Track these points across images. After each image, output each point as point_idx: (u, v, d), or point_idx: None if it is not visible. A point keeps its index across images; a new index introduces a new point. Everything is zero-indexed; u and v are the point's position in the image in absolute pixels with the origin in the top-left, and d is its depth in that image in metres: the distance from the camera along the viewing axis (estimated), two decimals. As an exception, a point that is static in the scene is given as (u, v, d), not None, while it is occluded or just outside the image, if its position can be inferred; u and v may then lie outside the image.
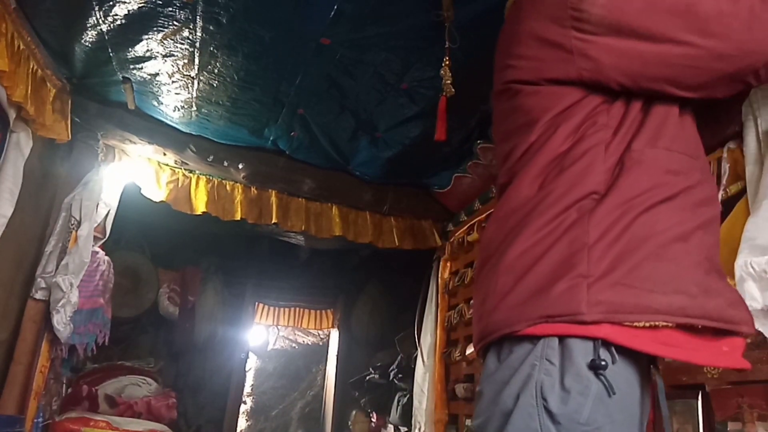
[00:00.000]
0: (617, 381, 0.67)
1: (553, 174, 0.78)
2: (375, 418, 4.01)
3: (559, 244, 0.72)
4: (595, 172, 0.75)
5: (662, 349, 0.67)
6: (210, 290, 4.01)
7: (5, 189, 1.86)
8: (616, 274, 0.68)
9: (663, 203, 0.72)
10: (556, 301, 0.69)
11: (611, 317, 0.67)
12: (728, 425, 1.34)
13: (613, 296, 0.67)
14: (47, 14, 1.87)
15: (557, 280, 0.70)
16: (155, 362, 3.59)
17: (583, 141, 0.78)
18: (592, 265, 0.69)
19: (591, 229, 0.71)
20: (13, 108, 1.87)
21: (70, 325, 2.20)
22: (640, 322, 0.66)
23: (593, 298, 0.67)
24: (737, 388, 1.34)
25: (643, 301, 0.67)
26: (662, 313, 0.67)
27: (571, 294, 0.68)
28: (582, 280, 0.68)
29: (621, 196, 0.72)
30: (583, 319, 0.67)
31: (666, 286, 0.68)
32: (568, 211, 0.74)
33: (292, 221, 2.91)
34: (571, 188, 0.75)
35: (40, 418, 2.29)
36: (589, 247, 0.70)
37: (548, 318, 0.69)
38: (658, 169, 0.75)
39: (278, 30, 1.90)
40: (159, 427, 2.88)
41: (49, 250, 2.23)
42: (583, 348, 0.67)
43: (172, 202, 2.67)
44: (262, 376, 6.12)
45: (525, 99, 0.85)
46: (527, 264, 0.74)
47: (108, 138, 2.51)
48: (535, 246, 0.74)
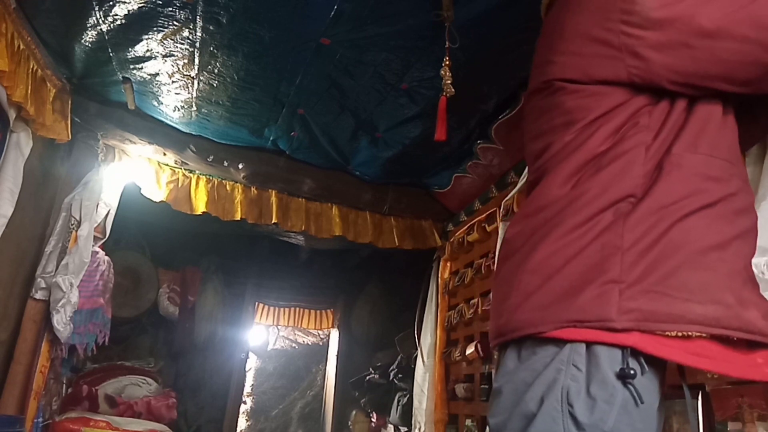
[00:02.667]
0: (643, 390, 0.65)
1: (588, 173, 0.75)
2: (375, 418, 4.01)
3: (591, 246, 0.70)
4: (634, 174, 0.73)
5: (694, 359, 0.65)
6: (210, 290, 4.01)
7: (5, 189, 1.86)
8: (650, 280, 0.66)
9: (701, 210, 0.70)
10: (586, 305, 0.67)
11: (642, 325, 0.65)
12: (728, 425, 1.34)
13: (646, 303, 0.65)
14: (47, 14, 1.87)
15: (588, 284, 0.68)
16: (155, 362, 3.60)
17: (623, 142, 0.75)
18: (625, 270, 0.67)
19: (626, 233, 0.69)
20: (13, 108, 1.87)
21: (70, 325, 2.20)
22: (672, 331, 0.64)
23: (625, 305, 0.65)
24: (737, 388, 1.34)
25: (677, 309, 0.65)
26: (697, 323, 0.65)
27: (602, 299, 0.66)
28: (614, 285, 0.66)
29: (658, 201, 0.70)
30: (613, 326, 0.65)
31: (701, 295, 0.66)
32: (603, 212, 0.71)
33: (292, 221, 2.91)
34: (607, 189, 0.73)
35: (40, 418, 2.29)
36: (623, 252, 0.68)
37: (576, 322, 0.67)
38: (697, 175, 0.72)
39: (278, 30, 1.90)
40: (159, 427, 2.88)
41: (49, 250, 2.23)
42: (611, 356, 0.66)
43: (172, 202, 2.67)
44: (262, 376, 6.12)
45: (565, 98, 0.81)
46: (557, 264, 0.72)
47: (108, 138, 2.51)
48: (567, 247, 0.72)
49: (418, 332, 3.27)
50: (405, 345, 3.64)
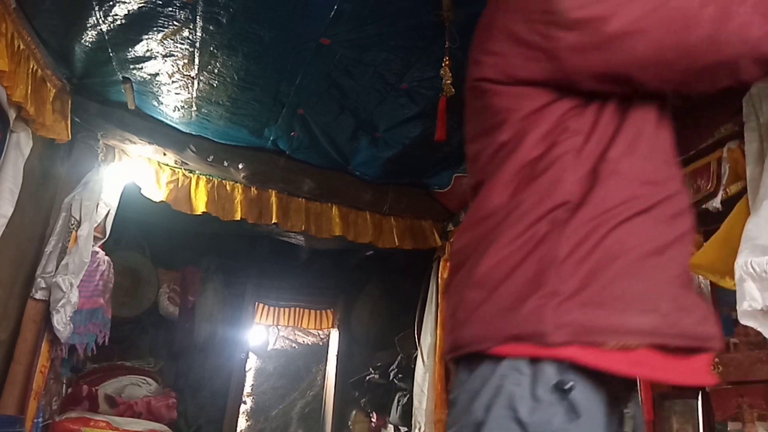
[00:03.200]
0: (585, 401, 0.64)
1: (524, 182, 0.75)
2: (375, 418, 4.01)
3: (530, 258, 0.69)
4: (567, 180, 0.72)
5: (634, 369, 0.65)
6: (210, 290, 4.01)
7: (5, 189, 1.86)
8: (587, 292, 0.65)
9: (638, 216, 0.69)
10: (524, 320, 0.66)
11: (579, 338, 0.64)
12: (728, 425, 1.34)
13: (582, 316, 0.65)
14: (47, 14, 1.87)
15: (526, 298, 0.67)
16: (155, 362, 3.59)
17: (554, 147, 0.74)
18: (562, 282, 0.66)
19: (562, 243, 0.68)
20: (13, 108, 1.87)
21: (70, 325, 2.20)
22: (610, 343, 0.64)
23: (561, 318, 0.65)
24: (737, 388, 1.34)
25: (614, 321, 0.64)
26: (634, 334, 0.64)
27: (539, 314, 0.65)
28: (550, 298, 0.66)
29: (595, 209, 0.69)
30: (549, 340, 0.64)
31: (639, 305, 0.65)
32: (540, 222, 0.71)
33: (292, 221, 2.91)
34: (543, 198, 0.72)
35: (40, 418, 2.29)
36: (559, 263, 0.67)
37: (516, 338, 0.66)
38: (634, 180, 0.71)
39: (278, 30, 1.90)
40: (159, 427, 2.88)
41: (49, 250, 2.23)
42: (549, 369, 0.65)
43: (172, 202, 2.67)
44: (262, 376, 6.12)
45: (492, 99, 0.82)
46: (498, 278, 0.71)
47: (108, 138, 2.51)
48: (507, 259, 0.71)
49: (418, 332, 3.27)
50: (405, 345, 3.64)
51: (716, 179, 1.37)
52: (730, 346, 1.44)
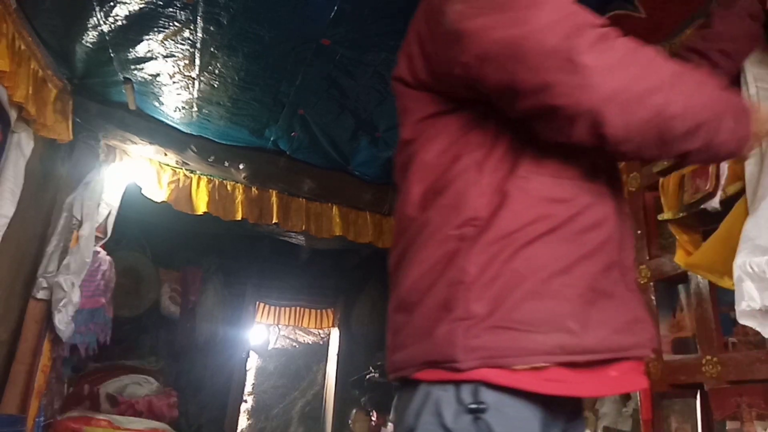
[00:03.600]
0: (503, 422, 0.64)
1: (431, 195, 0.74)
2: (375, 416, 4.01)
3: (441, 280, 0.69)
4: (472, 196, 0.70)
5: (546, 386, 0.64)
6: (211, 290, 4.02)
7: (6, 189, 1.86)
8: (495, 316, 0.65)
9: (545, 236, 0.68)
10: (436, 346, 0.66)
11: (489, 362, 0.64)
12: (727, 424, 1.34)
13: (491, 341, 0.65)
14: (48, 15, 1.87)
15: (438, 323, 0.67)
16: (156, 361, 3.60)
17: (458, 161, 0.73)
18: (470, 306, 0.66)
19: (469, 265, 0.67)
20: (14, 108, 1.87)
21: (71, 325, 2.21)
22: (518, 365, 0.64)
23: (469, 343, 0.64)
24: (736, 388, 1.35)
25: (522, 343, 0.64)
26: (542, 354, 0.64)
27: (449, 339, 0.65)
28: (459, 323, 0.65)
29: (502, 229, 0.68)
30: (459, 366, 0.64)
31: (545, 326, 0.65)
32: (449, 240, 0.70)
33: (293, 221, 2.91)
34: (451, 214, 0.71)
35: (42, 417, 2.29)
36: (467, 287, 0.66)
37: (431, 364, 0.67)
38: (542, 198, 0.70)
39: (278, 30, 1.90)
40: (160, 426, 2.89)
41: (50, 250, 2.24)
42: (465, 392, 0.65)
43: (173, 202, 2.67)
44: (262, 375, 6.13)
45: (402, 100, 0.83)
46: (414, 301, 0.71)
47: (109, 138, 2.52)
48: (421, 280, 0.71)
49: (418, 332, 3.27)
50: (405, 344, 3.64)
51: (715, 179, 1.37)
52: (728, 345, 1.44)
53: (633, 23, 1.78)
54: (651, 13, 1.74)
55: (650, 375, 1.61)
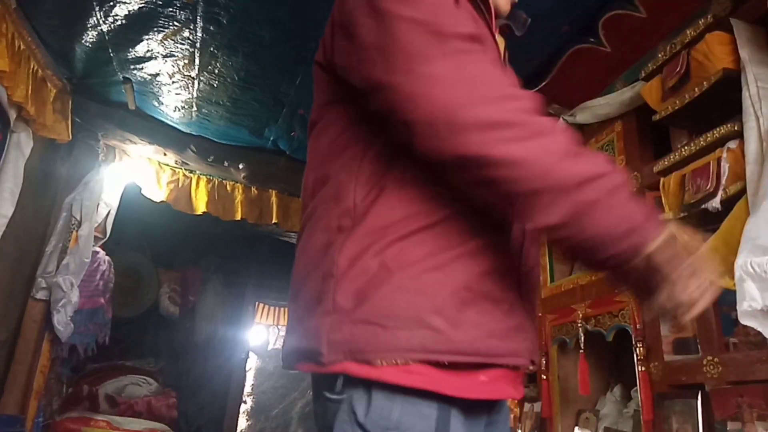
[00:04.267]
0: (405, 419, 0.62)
1: (319, 184, 0.73)
2: (375, 417, 4.01)
3: (315, 272, 0.68)
4: (350, 187, 0.68)
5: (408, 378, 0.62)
6: (210, 290, 4.02)
7: (6, 189, 1.86)
8: (361, 310, 0.63)
9: (421, 231, 0.66)
10: (305, 338, 0.66)
11: (351, 357, 0.63)
12: (728, 425, 1.34)
13: (353, 336, 0.63)
14: (48, 14, 1.87)
15: (309, 315, 0.66)
16: (156, 362, 3.60)
17: (344, 152, 0.71)
18: (338, 299, 0.64)
19: (340, 258, 0.65)
20: (13, 108, 1.87)
21: (70, 325, 2.21)
22: (379, 361, 0.62)
23: (332, 337, 0.63)
24: (737, 388, 1.35)
25: (383, 339, 0.62)
26: (402, 350, 0.62)
27: (315, 333, 0.65)
28: (326, 317, 0.64)
29: (376, 222, 0.66)
30: (323, 360, 0.63)
31: (410, 322, 0.63)
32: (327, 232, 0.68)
33: (293, 221, 2.91)
34: (331, 205, 0.69)
35: (41, 417, 2.29)
36: (336, 281, 0.65)
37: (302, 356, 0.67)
38: (420, 195, 0.67)
39: (278, 30, 1.90)
40: (159, 426, 2.88)
41: (49, 250, 2.24)
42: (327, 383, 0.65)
43: (172, 202, 2.67)
44: (262, 375, 6.12)
45: (315, 83, 0.85)
46: (295, 291, 0.71)
47: (108, 138, 2.52)
48: (302, 271, 0.71)
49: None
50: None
51: (716, 179, 1.37)
52: (729, 345, 1.44)
53: (633, 23, 1.78)
54: (651, 13, 1.73)
55: (651, 375, 1.61)
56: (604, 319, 1.84)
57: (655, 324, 1.65)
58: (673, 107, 1.48)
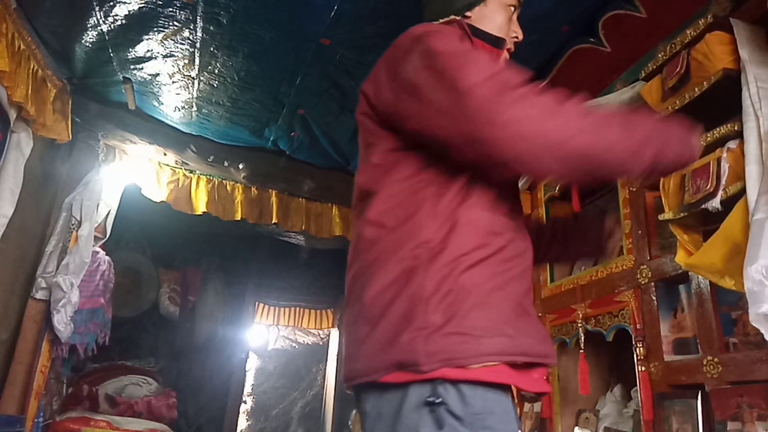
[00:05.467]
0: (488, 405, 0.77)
1: (391, 221, 0.86)
2: (375, 417, 4.01)
3: (403, 294, 0.81)
4: (426, 223, 0.84)
5: (494, 376, 0.78)
6: (210, 290, 4.02)
7: (6, 189, 1.86)
8: (450, 325, 0.78)
9: (484, 260, 0.84)
10: (401, 352, 0.78)
11: (447, 363, 0.76)
12: (728, 425, 1.34)
13: (448, 345, 0.77)
14: (48, 14, 1.87)
15: (402, 331, 0.78)
16: (156, 362, 3.60)
17: (417, 193, 0.86)
18: (428, 318, 0.78)
19: (427, 282, 0.80)
20: (13, 108, 1.87)
21: (70, 325, 2.21)
22: (473, 365, 0.77)
23: (430, 348, 0.76)
24: (737, 388, 1.35)
25: (473, 346, 0.77)
26: (490, 355, 0.78)
27: (412, 346, 0.77)
28: (420, 332, 0.77)
29: (452, 253, 0.82)
30: (422, 368, 0.76)
31: (490, 331, 0.79)
32: (405, 261, 0.82)
33: (293, 221, 2.91)
34: (407, 238, 0.84)
35: (41, 417, 2.29)
36: (426, 302, 0.79)
37: (397, 367, 0.78)
38: (482, 230, 0.85)
39: (278, 30, 1.90)
40: (159, 426, 2.88)
41: (49, 250, 2.24)
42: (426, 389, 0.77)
43: (172, 202, 2.67)
44: (262, 375, 6.12)
45: (365, 133, 0.95)
46: (377, 314, 0.82)
47: (108, 138, 2.52)
48: (383, 295, 0.82)
49: (418, 332, 3.27)
50: (405, 345, 3.64)
51: (716, 179, 1.37)
52: (729, 345, 1.44)
53: (633, 23, 1.79)
54: (651, 13, 1.75)
55: (651, 375, 1.61)
56: (604, 319, 1.84)
57: (655, 324, 1.65)
58: (673, 107, 1.48)
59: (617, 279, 1.80)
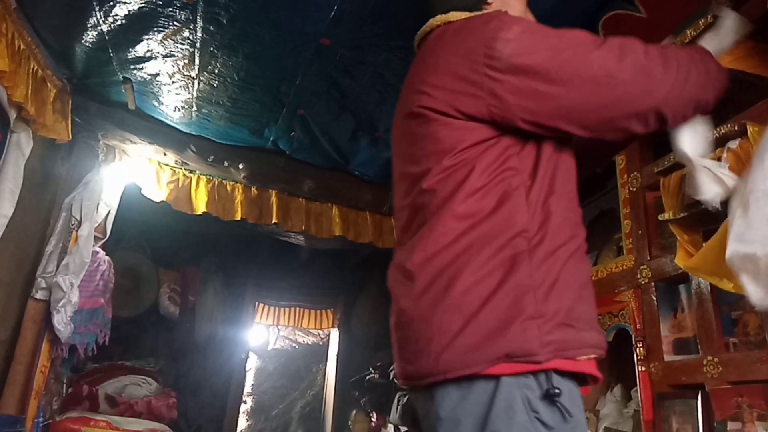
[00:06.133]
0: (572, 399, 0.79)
1: (480, 212, 0.84)
2: (375, 417, 4.01)
3: (505, 285, 0.79)
4: (521, 212, 0.83)
5: (592, 368, 0.84)
6: (210, 290, 4.02)
7: (6, 189, 1.86)
8: (560, 315, 0.78)
9: (576, 252, 0.85)
10: (512, 342, 0.76)
11: (560, 354, 0.77)
12: (728, 425, 1.34)
13: (560, 335, 0.78)
14: (48, 14, 1.87)
15: (510, 322, 0.77)
16: (156, 362, 3.60)
17: (501, 183, 0.85)
18: (539, 307, 0.78)
19: (533, 273, 0.80)
20: (13, 108, 1.87)
21: (70, 325, 2.21)
22: (582, 356, 0.79)
23: (544, 338, 0.76)
24: (737, 388, 1.35)
25: (581, 338, 0.80)
26: (594, 347, 0.82)
27: (525, 336, 0.76)
28: (532, 322, 0.77)
29: (551, 244, 0.82)
30: (537, 358, 0.75)
31: (589, 325, 0.83)
32: (502, 251, 0.81)
33: (293, 221, 2.91)
34: (502, 227, 0.82)
35: (41, 417, 2.29)
36: (534, 290, 0.78)
37: (506, 358, 0.76)
38: (571, 221, 0.87)
39: (278, 30, 1.90)
40: (159, 426, 2.88)
41: (49, 250, 2.24)
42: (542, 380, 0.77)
43: (172, 202, 2.67)
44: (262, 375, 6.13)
45: (439, 128, 0.90)
46: (476, 303, 0.78)
47: (108, 138, 2.52)
48: (481, 285, 0.79)
49: (418, 332, 3.27)
50: (405, 345, 3.63)
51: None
52: (729, 345, 1.44)
53: (633, 23, 1.78)
54: (651, 13, 1.74)
55: (651, 375, 1.61)
56: (604, 319, 1.84)
57: (655, 324, 1.65)
58: (673, 107, 1.47)
59: (617, 279, 1.80)
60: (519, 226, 0.82)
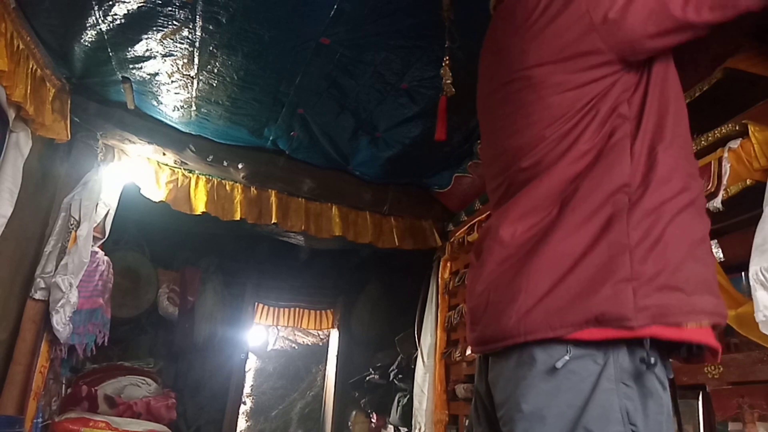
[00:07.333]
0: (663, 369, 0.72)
1: (584, 171, 0.77)
2: (375, 418, 4.00)
3: (598, 245, 0.72)
4: (623, 164, 0.76)
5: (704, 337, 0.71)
6: (209, 290, 4.01)
7: (5, 189, 1.85)
8: (661, 277, 0.70)
9: (688, 207, 0.75)
10: (603, 305, 0.69)
11: (659, 320, 0.69)
12: (729, 425, 1.34)
13: (660, 299, 0.69)
14: (47, 14, 1.87)
15: (601, 283, 0.70)
16: (155, 362, 3.59)
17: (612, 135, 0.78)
18: (636, 268, 0.70)
19: (630, 231, 0.71)
20: (12, 108, 1.87)
21: (69, 326, 2.20)
22: (688, 323, 0.69)
23: (640, 302, 0.68)
24: (738, 389, 1.34)
25: (688, 303, 0.70)
26: (705, 313, 0.71)
27: (618, 299, 0.69)
28: (627, 283, 0.69)
29: (656, 199, 0.74)
30: (631, 324, 0.68)
31: (703, 288, 0.71)
32: (602, 207, 0.74)
33: (292, 221, 2.90)
34: (602, 182, 0.75)
35: (40, 418, 2.28)
36: (631, 250, 0.70)
37: (596, 323, 0.69)
38: (683, 172, 0.77)
39: (278, 30, 1.90)
40: (158, 427, 2.87)
41: (48, 250, 2.23)
42: (632, 349, 0.70)
43: (171, 202, 2.66)
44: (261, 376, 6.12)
45: (545, 92, 0.83)
46: (566, 265, 0.73)
47: (107, 138, 2.51)
48: (573, 246, 0.73)
49: (418, 332, 3.27)
50: (405, 345, 3.64)
51: (717, 179, 1.36)
52: (730, 346, 1.44)
53: None
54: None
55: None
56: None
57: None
58: (673, 107, 1.47)
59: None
60: (620, 180, 0.74)
